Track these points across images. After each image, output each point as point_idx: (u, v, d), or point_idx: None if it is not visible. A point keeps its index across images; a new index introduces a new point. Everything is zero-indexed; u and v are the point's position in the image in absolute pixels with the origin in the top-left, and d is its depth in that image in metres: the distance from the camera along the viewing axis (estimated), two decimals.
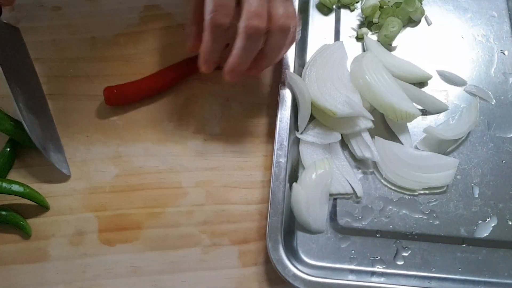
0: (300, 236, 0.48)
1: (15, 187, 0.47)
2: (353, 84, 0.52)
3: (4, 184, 0.47)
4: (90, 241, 0.47)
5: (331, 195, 0.49)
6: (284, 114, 0.50)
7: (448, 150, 0.52)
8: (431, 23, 0.60)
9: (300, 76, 0.53)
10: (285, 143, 0.49)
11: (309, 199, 0.47)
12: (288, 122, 0.50)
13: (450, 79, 0.56)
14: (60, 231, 0.48)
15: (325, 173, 0.48)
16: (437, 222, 0.49)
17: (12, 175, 0.50)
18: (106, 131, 0.52)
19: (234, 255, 0.47)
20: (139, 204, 0.49)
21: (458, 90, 0.56)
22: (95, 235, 0.48)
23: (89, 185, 0.50)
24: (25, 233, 0.47)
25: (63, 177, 0.50)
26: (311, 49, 0.57)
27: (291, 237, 0.48)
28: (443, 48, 0.59)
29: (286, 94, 0.51)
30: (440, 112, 0.54)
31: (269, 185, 0.50)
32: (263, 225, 0.48)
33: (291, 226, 0.48)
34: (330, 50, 0.54)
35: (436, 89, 0.56)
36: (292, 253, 0.46)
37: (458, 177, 0.51)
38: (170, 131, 0.53)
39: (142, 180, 0.50)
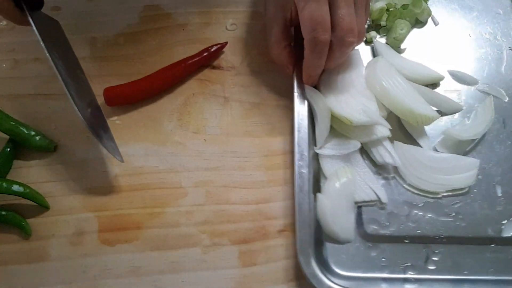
0: (329, 247, 0.47)
1: (15, 187, 0.47)
2: (370, 91, 0.52)
3: (4, 184, 0.47)
4: (90, 241, 0.47)
5: (355, 203, 0.49)
6: (301, 124, 0.50)
7: (467, 150, 0.52)
8: (438, 23, 0.60)
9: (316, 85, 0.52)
10: (306, 153, 0.48)
11: (335, 209, 0.47)
12: (307, 132, 0.49)
13: (462, 78, 0.56)
14: (60, 231, 0.48)
15: (348, 182, 0.47)
16: (464, 224, 0.48)
17: (12, 175, 0.50)
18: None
19: (234, 255, 0.47)
20: (139, 204, 0.49)
21: (470, 89, 0.56)
22: (95, 235, 0.48)
23: (89, 185, 0.50)
24: (25, 233, 0.47)
25: (64, 177, 0.50)
26: None
27: (320, 249, 0.47)
28: (452, 47, 0.59)
29: (302, 104, 0.51)
30: (455, 113, 0.54)
31: (270, 185, 0.50)
32: (263, 225, 0.48)
33: (318, 238, 0.47)
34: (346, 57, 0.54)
35: (449, 90, 0.56)
36: (324, 266, 0.45)
37: (479, 177, 0.50)
38: (170, 131, 0.53)
39: (142, 180, 0.50)
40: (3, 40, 0.57)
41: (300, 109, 0.50)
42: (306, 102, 0.51)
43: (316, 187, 0.49)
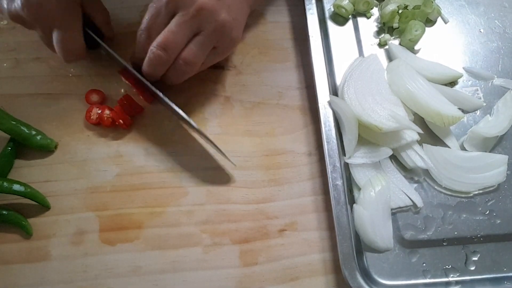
0: (369, 256, 0.47)
1: (16, 187, 0.48)
2: (395, 95, 0.52)
3: (5, 184, 0.47)
4: (91, 241, 0.47)
5: (391, 210, 0.48)
6: (329, 134, 0.49)
7: (492, 146, 0.52)
8: (448, 21, 0.60)
9: (337, 94, 0.52)
10: (338, 164, 0.48)
11: (373, 219, 0.46)
12: (336, 142, 0.49)
13: (478, 74, 0.57)
14: (61, 231, 0.48)
15: (383, 189, 0.47)
16: (499, 221, 0.49)
17: (13, 175, 0.50)
18: (106, 130, 0.52)
19: (234, 255, 0.47)
20: (140, 204, 0.49)
21: (488, 85, 0.56)
22: (96, 234, 0.48)
23: (90, 184, 0.50)
24: (26, 233, 0.47)
25: (64, 176, 0.50)
26: (337, 62, 0.56)
27: (361, 259, 0.46)
28: (464, 44, 0.59)
29: (327, 114, 0.51)
30: (476, 110, 0.54)
31: (270, 185, 0.50)
32: (264, 224, 0.48)
33: (358, 248, 0.47)
34: (365, 64, 0.54)
35: (466, 87, 0.56)
36: (367, 277, 0.45)
37: (508, 172, 0.51)
38: (170, 130, 0.53)
39: (143, 180, 0.50)
40: (4, 40, 0.57)
41: (327, 120, 0.50)
42: (331, 112, 0.51)
43: (350, 198, 0.49)
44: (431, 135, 0.53)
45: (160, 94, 0.49)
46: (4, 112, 0.51)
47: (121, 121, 0.51)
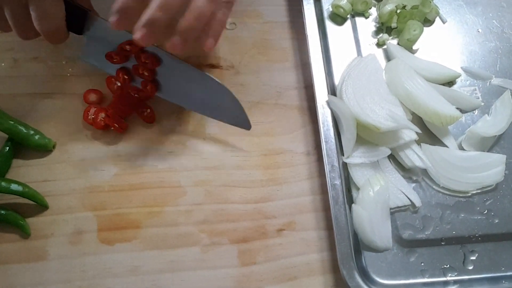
0: (367, 256, 0.47)
1: (14, 186, 0.47)
2: (393, 95, 0.52)
3: (3, 183, 0.47)
4: (89, 240, 0.47)
5: (389, 209, 0.49)
6: (328, 134, 0.49)
7: (490, 145, 0.53)
8: (446, 21, 0.61)
9: (335, 94, 0.52)
10: (336, 164, 0.48)
11: (372, 218, 0.46)
12: (334, 142, 0.49)
13: (476, 74, 0.57)
14: (59, 230, 0.48)
15: (381, 189, 0.47)
16: (497, 221, 0.49)
17: (11, 174, 0.50)
18: (104, 130, 0.52)
19: (233, 254, 0.47)
20: (138, 203, 0.49)
21: (486, 85, 0.56)
22: (94, 234, 0.48)
23: (88, 184, 0.50)
24: (24, 233, 0.47)
25: (62, 176, 0.50)
26: (336, 62, 0.56)
27: (359, 259, 0.47)
28: (462, 44, 0.59)
29: (326, 114, 0.51)
30: (474, 109, 0.55)
31: (269, 184, 0.50)
32: (262, 224, 0.48)
33: (356, 248, 0.47)
34: (364, 63, 0.54)
35: (464, 86, 0.56)
36: (365, 276, 0.45)
37: (506, 172, 0.51)
38: (169, 130, 0.53)
39: (141, 179, 0.50)
40: (2, 39, 0.57)
41: (325, 119, 0.50)
42: (330, 111, 0.51)
43: (348, 197, 0.49)
44: (429, 134, 0.53)
45: (161, 52, 0.46)
46: (2, 112, 0.51)
47: (116, 125, 0.51)
